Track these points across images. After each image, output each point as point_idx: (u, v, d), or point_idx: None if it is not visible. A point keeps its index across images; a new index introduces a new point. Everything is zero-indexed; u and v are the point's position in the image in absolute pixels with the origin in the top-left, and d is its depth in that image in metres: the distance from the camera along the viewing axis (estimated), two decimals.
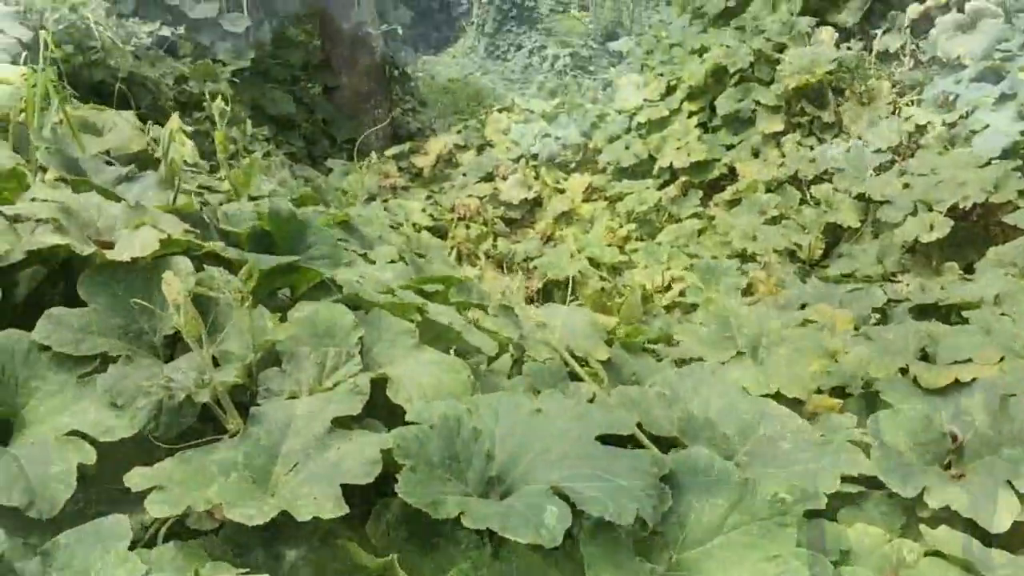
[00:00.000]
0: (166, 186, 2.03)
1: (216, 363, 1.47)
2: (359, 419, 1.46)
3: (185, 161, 4.19)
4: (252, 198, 3.79)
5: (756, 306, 2.85)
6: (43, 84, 2.20)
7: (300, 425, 1.40)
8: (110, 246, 1.64)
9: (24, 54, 4.75)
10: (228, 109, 3.93)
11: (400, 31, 9.14)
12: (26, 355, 1.43)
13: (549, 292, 5.36)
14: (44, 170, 2.10)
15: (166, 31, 6.29)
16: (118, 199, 1.86)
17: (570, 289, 4.41)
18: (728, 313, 2.62)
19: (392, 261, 3.24)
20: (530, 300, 5.46)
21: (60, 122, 3.80)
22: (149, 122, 3.71)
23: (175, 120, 2.02)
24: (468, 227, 5.95)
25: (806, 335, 2.51)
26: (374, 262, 3.18)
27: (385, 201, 6.30)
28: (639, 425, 1.72)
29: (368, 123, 9.38)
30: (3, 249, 1.55)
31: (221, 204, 3.17)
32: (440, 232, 6.18)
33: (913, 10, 5.56)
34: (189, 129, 5.97)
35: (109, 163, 3.73)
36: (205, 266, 1.58)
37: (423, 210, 6.20)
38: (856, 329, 2.94)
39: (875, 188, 4.47)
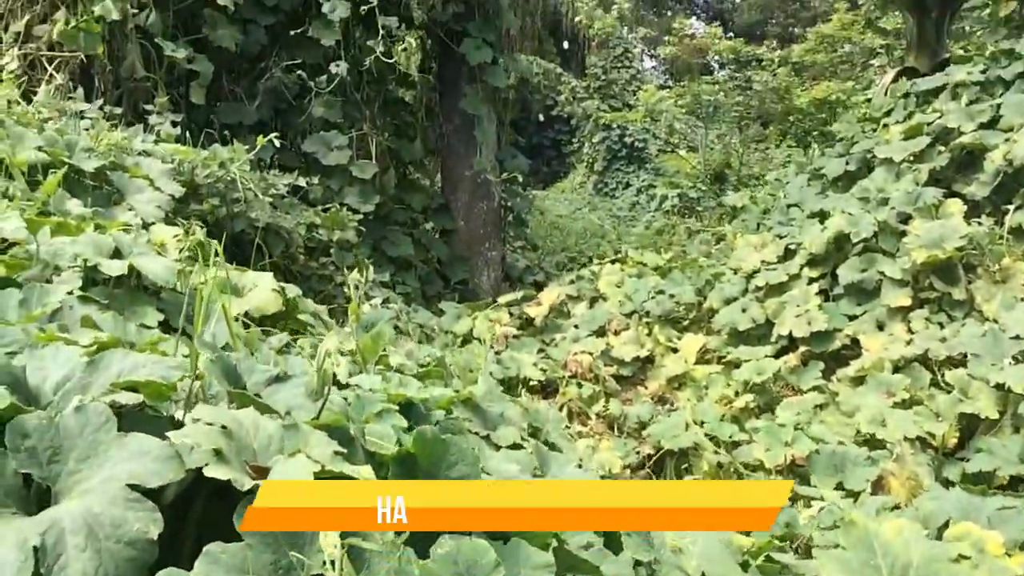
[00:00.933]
0: (316, 396, 2.08)
1: None
2: None
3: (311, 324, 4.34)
4: (378, 360, 3.86)
5: (898, 521, 2.68)
6: (212, 287, 2.32)
7: None
8: (264, 472, 1.67)
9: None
10: (362, 280, 4.09)
11: (520, 178, 9.44)
12: None
13: (662, 460, 5.23)
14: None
15: (301, 181, 6.63)
16: (272, 411, 1.92)
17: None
18: (872, 537, 2.48)
19: (514, 444, 3.24)
20: (641, 466, 5.34)
21: (205, 282, 4.01)
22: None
23: (333, 340, 2.10)
24: (580, 385, 5.92)
25: (960, 572, 2.35)
26: (498, 446, 3.18)
27: (498, 353, 6.34)
28: None
29: (481, 265, 9.61)
30: (169, 478, 1.60)
31: (351, 375, 3.25)
32: (551, 387, 6.17)
33: None
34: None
35: (246, 324, 3.89)
36: None
37: (535, 364, 6.21)
38: (1008, 555, 2.74)
39: (1015, 379, 4.24)
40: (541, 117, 23.40)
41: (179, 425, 1.99)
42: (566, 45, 24.50)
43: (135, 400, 1.80)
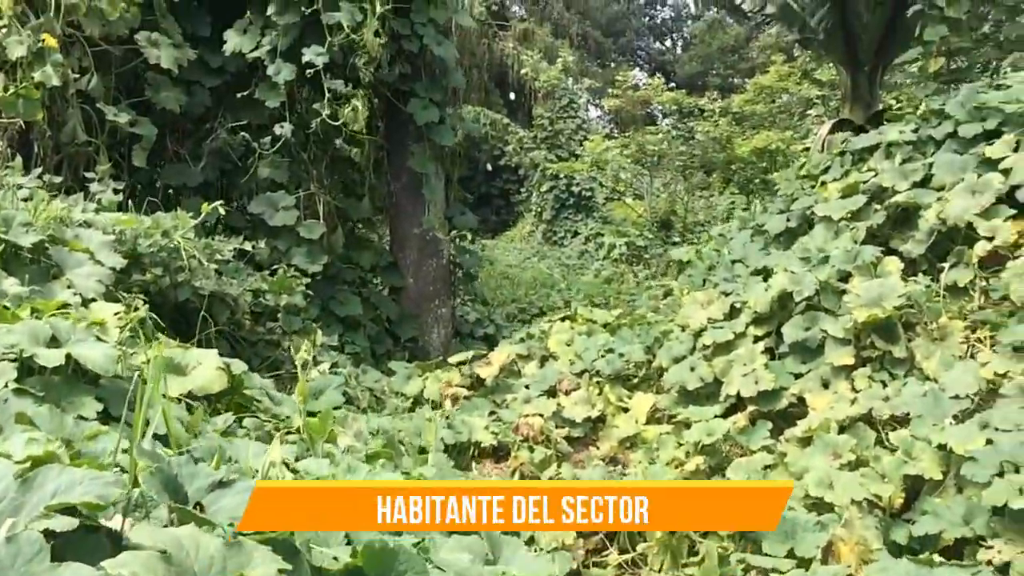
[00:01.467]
0: None
1: None
2: None
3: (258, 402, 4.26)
4: (327, 438, 3.79)
5: None
6: (153, 381, 2.26)
7: None
8: None
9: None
10: (309, 353, 4.02)
11: (468, 236, 9.48)
12: None
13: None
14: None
15: (247, 245, 6.56)
16: (212, 526, 1.87)
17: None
18: None
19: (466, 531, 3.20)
20: (594, 533, 5.30)
21: (147, 362, 3.93)
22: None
23: (277, 448, 2.06)
24: (532, 449, 5.89)
25: None
26: (449, 532, 3.13)
27: (447, 418, 6.30)
28: None
29: (431, 322, 9.59)
30: None
31: (297, 459, 3.19)
32: (503, 451, 6.13)
33: (981, 248, 5.58)
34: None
35: (190, 407, 3.79)
36: None
37: (486, 427, 6.18)
38: None
39: (956, 439, 4.32)
40: (489, 167, 23.64)
41: (117, 538, 1.93)
42: (512, 96, 24.85)
43: (71, 525, 1.74)
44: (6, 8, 6.52)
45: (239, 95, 8.19)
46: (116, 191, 6.05)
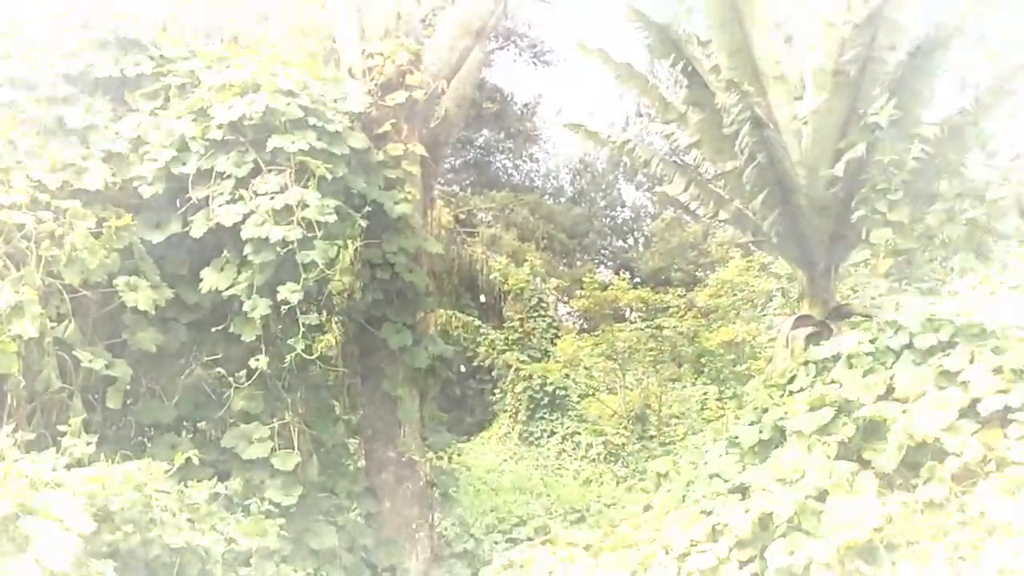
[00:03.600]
0: None
1: None
2: None
3: None
4: None
5: None
6: None
7: None
8: None
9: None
10: None
11: (445, 457, 9.43)
12: None
13: None
14: None
15: (221, 487, 6.48)
16: None
17: None
18: None
19: None
20: None
21: None
22: None
23: None
24: None
25: None
26: None
27: None
28: None
29: (408, 548, 9.34)
30: None
31: None
32: None
33: (951, 464, 5.65)
34: None
35: None
36: None
37: None
38: None
39: None
40: (463, 368, 23.78)
41: None
42: (483, 299, 25.43)
43: None
44: None
45: (214, 329, 8.31)
46: (88, 443, 6.02)
